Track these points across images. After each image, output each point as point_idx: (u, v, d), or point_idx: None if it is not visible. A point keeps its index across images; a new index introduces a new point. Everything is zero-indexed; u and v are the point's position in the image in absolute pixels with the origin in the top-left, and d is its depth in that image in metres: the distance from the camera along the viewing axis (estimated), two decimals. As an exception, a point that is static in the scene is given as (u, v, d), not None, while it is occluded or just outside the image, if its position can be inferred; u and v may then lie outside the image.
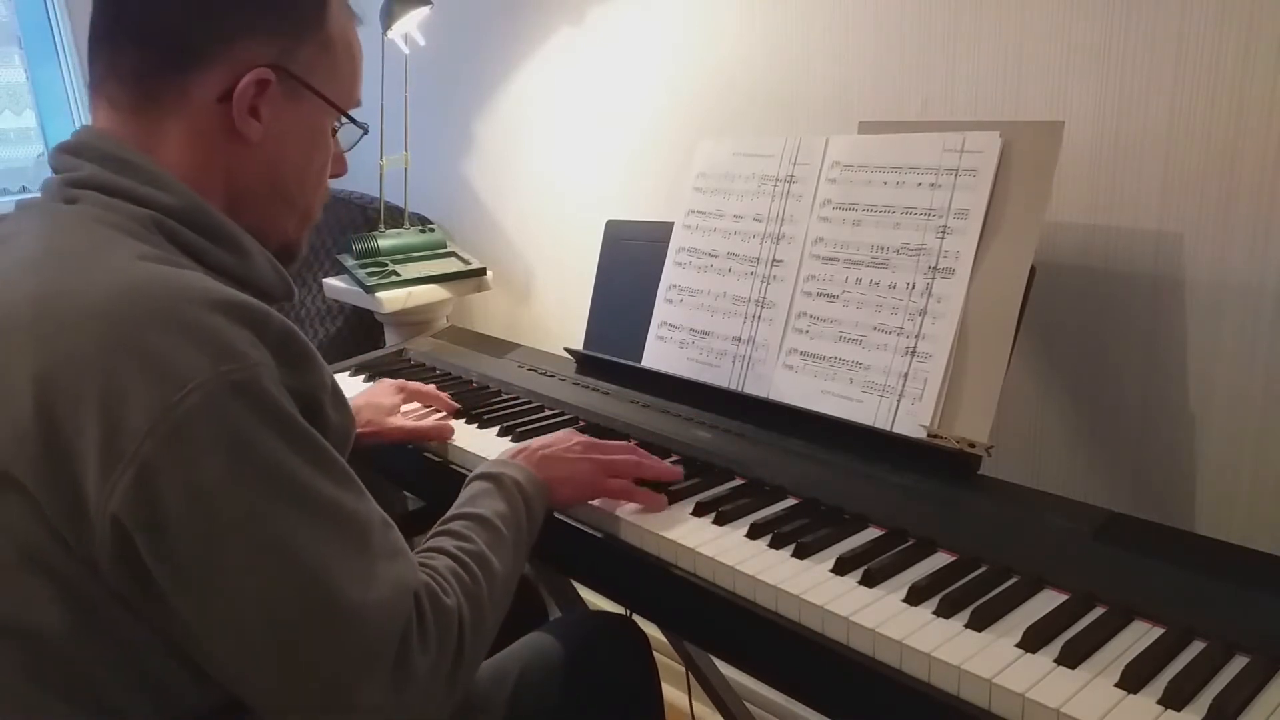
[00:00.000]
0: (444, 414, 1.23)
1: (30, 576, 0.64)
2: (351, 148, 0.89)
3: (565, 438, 0.98)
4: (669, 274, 1.28)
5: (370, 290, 1.80)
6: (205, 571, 0.62)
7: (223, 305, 0.65)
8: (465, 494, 0.89)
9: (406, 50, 1.84)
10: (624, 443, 1.02)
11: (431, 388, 1.26)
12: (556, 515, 0.96)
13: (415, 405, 1.25)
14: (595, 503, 0.95)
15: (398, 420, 1.19)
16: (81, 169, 0.74)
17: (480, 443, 1.13)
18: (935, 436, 0.98)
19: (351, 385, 1.40)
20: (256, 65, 0.75)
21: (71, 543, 0.63)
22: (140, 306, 0.63)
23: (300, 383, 0.70)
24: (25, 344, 0.64)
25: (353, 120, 0.85)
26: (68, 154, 0.76)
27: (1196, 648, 0.69)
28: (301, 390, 0.70)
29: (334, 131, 0.85)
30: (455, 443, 1.14)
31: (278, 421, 0.65)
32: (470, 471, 0.98)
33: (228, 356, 0.63)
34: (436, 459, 1.16)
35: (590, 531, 0.95)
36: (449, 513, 0.86)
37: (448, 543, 0.80)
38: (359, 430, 1.10)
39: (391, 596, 0.67)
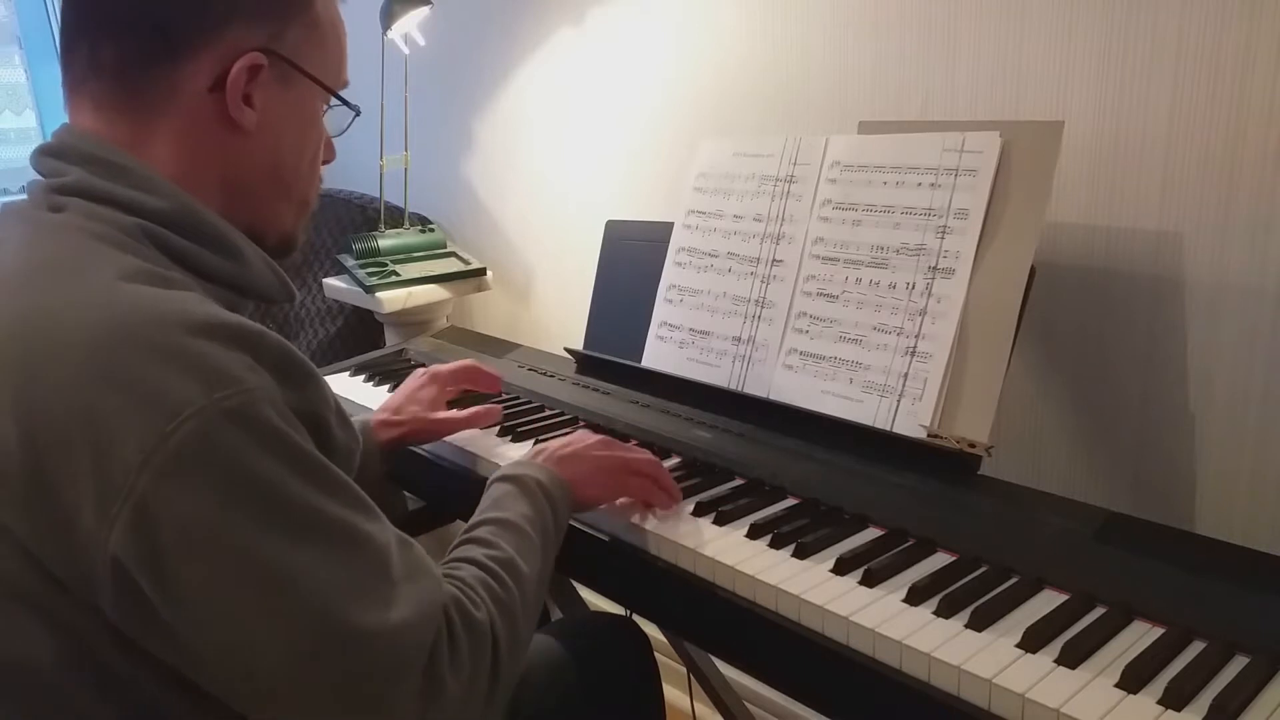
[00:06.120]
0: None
1: (18, 611, 0.62)
2: (342, 132, 0.84)
3: (583, 437, 0.95)
4: (669, 274, 1.28)
5: (370, 290, 1.80)
6: (213, 610, 0.60)
7: (210, 329, 0.62)
8: (487, 498, 0.86)
9: (406, 50, 1.84)
10: (641, 448, 0.99)
11: (464, 364, 1.20)
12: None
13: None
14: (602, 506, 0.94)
15: (444, 413, 1.14)
16: (68, 174, 0.70)
17: (481, 442, 1.13)
18: (935, 436, 0.98)
19: (351, 386, 1.40)
20: (246, 50, 0.71)
21: (67, 584, 0.61)
22: (122, 336, 0.60)
23: (304, 402, 0.67)
24: (5, 375, 0.61)
25: (344, 101, 0.82)
26: (50, 157, 0.72)
27: (1196, 648, 0.69)
28: (306, 409, 0.67)
29: (322, 114, 0.82)
30: (455, 442, 1.13)
31: (279, 447, 0.62)
32: (467, 471, 0.97)
33: (221, 383, 0.60)
34: (439, 460, 1.16)
35: (591, 533, 0.95)
36: (473, 519, 0.83)
37: (475, 551, 0.77)
38: (406, 430, 1.10)
39: (415, 617, 0.64)
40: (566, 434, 1.11)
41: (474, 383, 1.21)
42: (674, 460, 1.05)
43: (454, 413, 1.14)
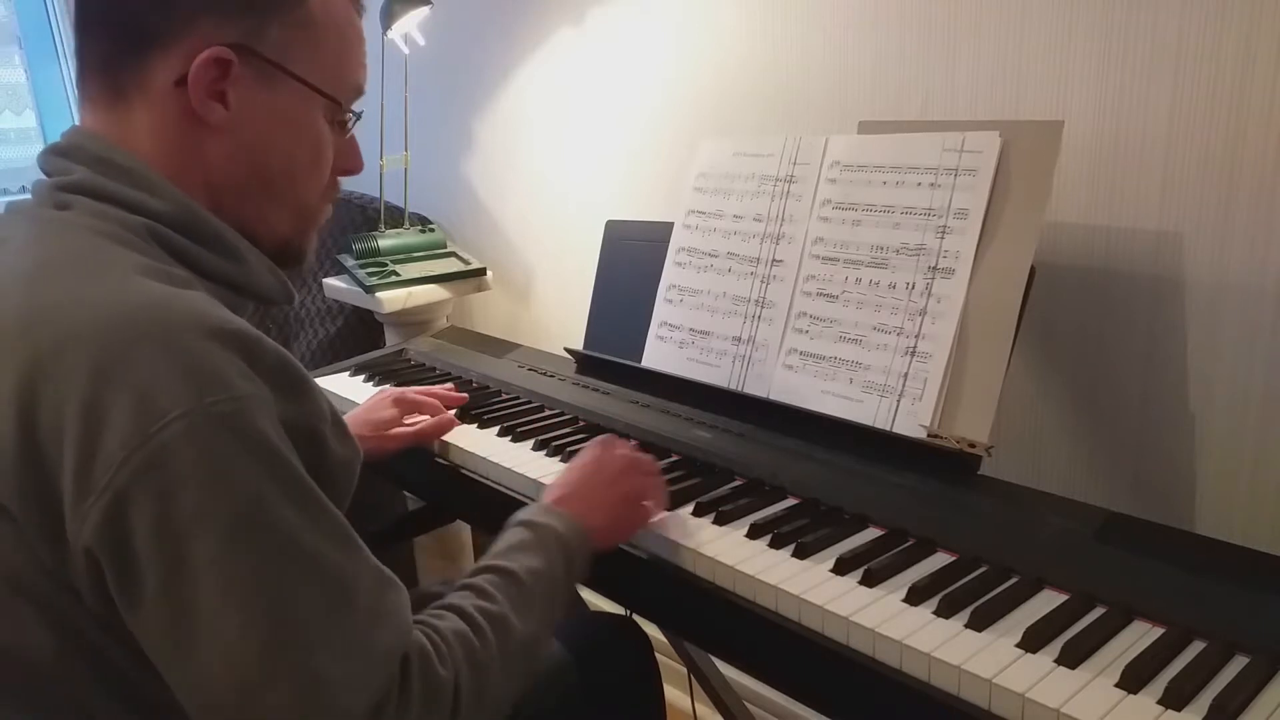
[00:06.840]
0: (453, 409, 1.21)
1: (17, 602, 0.63)
2: (346, 133, 0.82)
3: (601, 465, 0.91)
4: (669, 274, 1.28)
5: (370, 290, 1.80)
6: (168, 613, 0.59)
7: (217, 332, 0.62)
8: (502, 541, 0.81)
9: (406, 50, 1.84)
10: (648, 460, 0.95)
11: (432, 390, 1.23)
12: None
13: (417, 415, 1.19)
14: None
15: (397, 430, 1.15)
16: (73, 172, 0.71)
17: (481, 443, 1.13)
18: (935, 436, 0.98)
19: (351, 386, 1.40)
20: (215, 45, 0.70)
21: (52, 568, 0.61)
22: (134, 329, 0.60)
23: (298, 413, 0.67)
24: (11, 361, 0.61)
25: (340, 105, 0.78)
26: (58, 156, 0.73)
27: (1196, 648, 0.69)
28: (299, 421, 0.67)
29: (345, 123, 0.80)
30: (456, 443, 1.13)
31: (264, 458, 0.61)
32: (467, 471, 0.95)
33: (215, 387, 0.60)
34: (439, 460, 1.16)
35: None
36: (481, 561, 0.79)
37: (468, 600, 0.73)
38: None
39: (365, 665, 0.61)
40: (584, 439, 1.09)
41: (434, 411, 1.19)
42: (672, 459, 1.05)
43: (404, 429, 1.15)
